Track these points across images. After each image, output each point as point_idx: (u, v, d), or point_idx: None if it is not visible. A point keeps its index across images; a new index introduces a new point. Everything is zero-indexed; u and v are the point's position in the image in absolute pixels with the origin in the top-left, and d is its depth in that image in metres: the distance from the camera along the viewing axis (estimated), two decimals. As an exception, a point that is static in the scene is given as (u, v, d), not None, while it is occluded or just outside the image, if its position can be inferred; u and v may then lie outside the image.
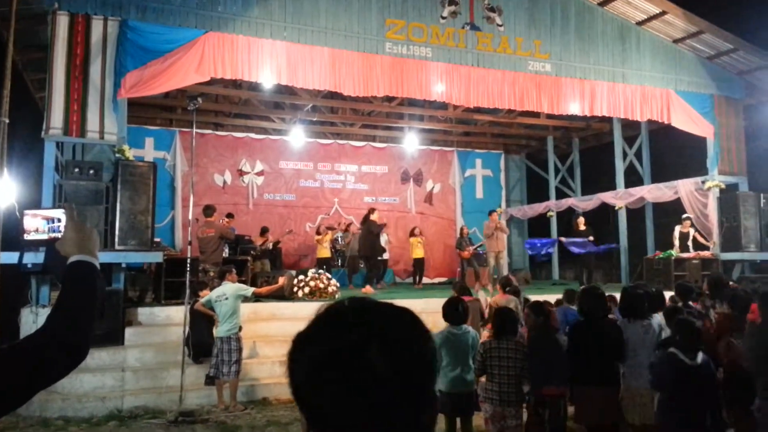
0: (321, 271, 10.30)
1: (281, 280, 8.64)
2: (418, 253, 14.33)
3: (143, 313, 8.45)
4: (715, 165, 12.39)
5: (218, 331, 6.88)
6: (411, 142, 16.48)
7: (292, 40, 9.56)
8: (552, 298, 7.75)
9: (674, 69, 12.24)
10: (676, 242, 12.24)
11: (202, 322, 7.27)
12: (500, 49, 11.01)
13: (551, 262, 16.98)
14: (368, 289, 11.64)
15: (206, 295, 7.17)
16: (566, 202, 16.47)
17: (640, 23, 12.00)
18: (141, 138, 14.17)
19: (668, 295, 7.21)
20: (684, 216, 12.37)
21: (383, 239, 13.08)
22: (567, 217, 16.73)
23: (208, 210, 9.81)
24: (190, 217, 7.62)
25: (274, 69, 9.51)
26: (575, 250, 13.06)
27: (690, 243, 12.10)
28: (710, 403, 4.18)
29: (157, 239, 10.27)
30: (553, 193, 17.45)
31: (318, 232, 14.14)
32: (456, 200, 17.76)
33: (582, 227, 13.33)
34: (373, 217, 12.31)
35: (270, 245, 12.61)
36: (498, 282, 8.28)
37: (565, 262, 16.63)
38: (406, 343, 0.86)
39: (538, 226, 17.92)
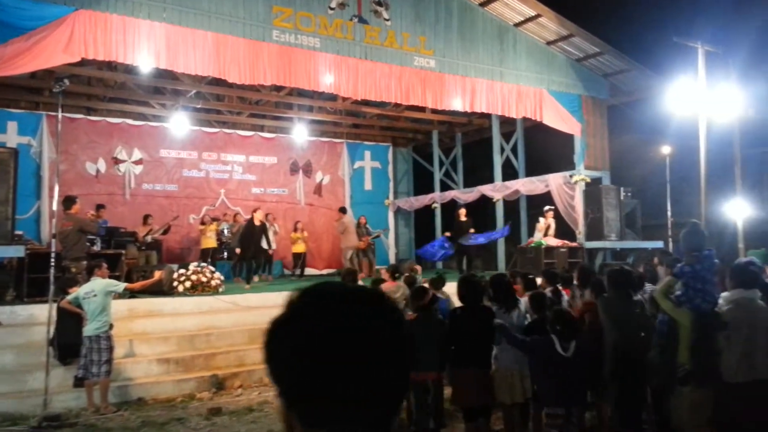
0: (204, 264, 9.95)
1: (157, 274, 8.25)
2: (299, 248, 14.29)
3: (3, 312, 7.74)
4: (581, 160, 13.42)
5: (86, 329, 6.46)
6: (300, 133, 16.31)
7: (173, 22, 9.11)
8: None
9: (547, 70, 13.08)
10: (540, 233, 13.10)
11: (69, 321, 6.77)
12: (387, 43, 11.19)
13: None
14: (255, 281, 11.50)
15: (74, 292, 6.70)
16: (450, 194, 17.13)
17: (517, 25, 12.69)
18: (2, 122, 12.96)
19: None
20: (546, 208, 13.26)
21: (271, 231, 12.88)
22: (451, 208, 17.38)
23: (67, 201, 9.00)
24: (55, 207, 7.05)
25: (153, 52, 9.02)
26: (480, 240, 13.58)
27: (551, 234, 12.97)
28: (580, 383, 4.58)
29: (19, 232, 9.44)
30: (437, 185, 18.07)
31: (203, 222, 13.67)
32: (345, 192, 17.86)
33: (463, 218, 13.92)
34: (257, 216, 12.13)
35: (157, 234, 12.02)
36: (388, 270, 8.40)
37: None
38: (383, 326, 0.87)
39: (423, 217, 18.48)
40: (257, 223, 12.13)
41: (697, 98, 11.57)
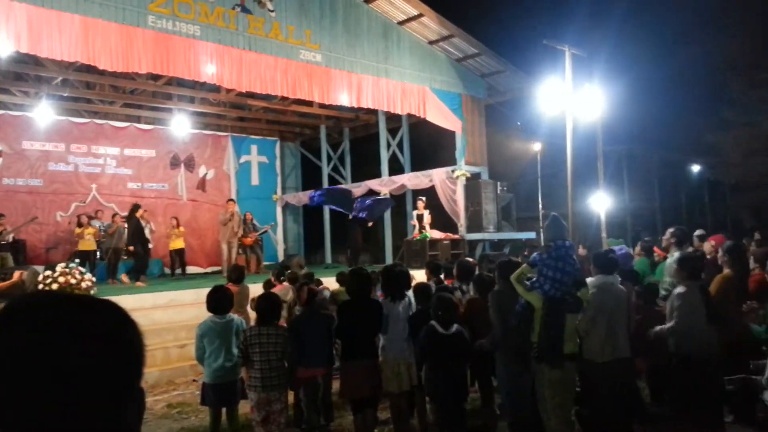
0: (73, 264, 9.23)
1: (17, 275, 7.55)
2: (177, 244, 13.71)
3: None
4: (462, 156, 14.03)
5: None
6: (181, 125, 15.52)
7: (35, 3, 8.35)
8: (325, 281, 8.03)
9: (429, 68, 13.51)
10: (415, 222, 13.50)
11: None
12: (272, 34, 11.00)
13: (324, 246, 17.60)
14: (142, 282, 10.89)
15: None
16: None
17: (400, 23, 12.98)
18: None
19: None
20: (418, 197, 13.72)
21: (147, 230, 12.18)
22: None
23: None
24: None
25: (12, 34, 8.22)
26: (368, 202, 13.38)
27: (426, 223, 13.35)
28: (463, 365, 4.79)
29: None
30: (326, 180, 18.08)
31: (79, 224, 12.58)
32: (231, 187, 17.36)
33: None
34: (139, 214, 11.44)
35: (9, 236, 10.93)
36: (272, 274, 8.26)
37: (337, 246, 17.39)
38: (97, 338, 0.79)
39: (312, 212, 18.41)
40: (145, 216, 11.55)
41: (565, 98, 12.48)
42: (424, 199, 13.55)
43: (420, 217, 13.28)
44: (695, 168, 29.32)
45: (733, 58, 24.56)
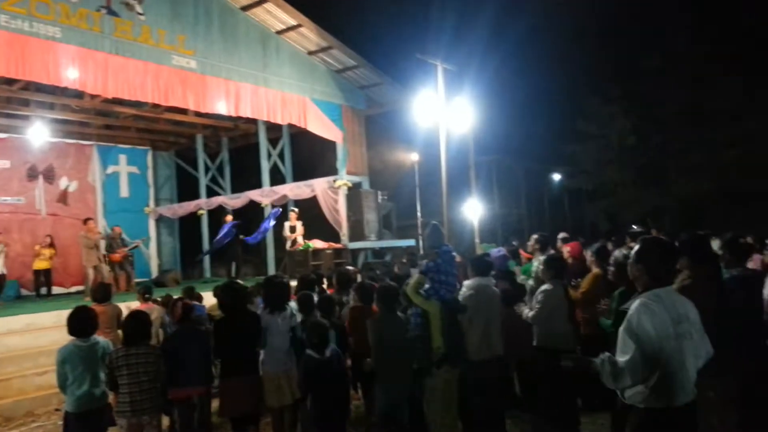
0: None
1: None
2: (43, 264, 12.59)
3: None
4: (343, 166, 14.18)
5: None
6: (39, 134, 14.24)
7: None
8: (205, 295, 7.73)
9: (310, 79, 13.54)
10: (288, 233, 13.37)
11: None
12: (142, 39, 10.49)
13: (202, 260, 16.95)
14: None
15: None
16: (217, 200, 16.66)
17: (279, 32, 12.89)
18: None
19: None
20: (290, 209, 13.71)
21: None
22: (218, 215, 16.92)
23: None
24: None
25: None
26: (260, 235, 13.31)
27: (299, 234, 13.20)
28: (343, 386, 4.80)
29: None
30: (204, 191, 17.44)
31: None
32: (97, 199, 16.21)
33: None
34: None
35: None
36: (138, 291, 7.79)
37: (216, 259, 16.82)
38: None
39: (189, 225, 17.68)
40: None
41: (438, 111, 13.05)
42: (296, 210, 13.51)
43: (293, 229, 13.19)
44: (556, 176, 31.79)
45: (588, 76, 27.09)
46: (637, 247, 2.91)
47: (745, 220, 19.13)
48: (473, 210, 15.37)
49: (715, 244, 4.34)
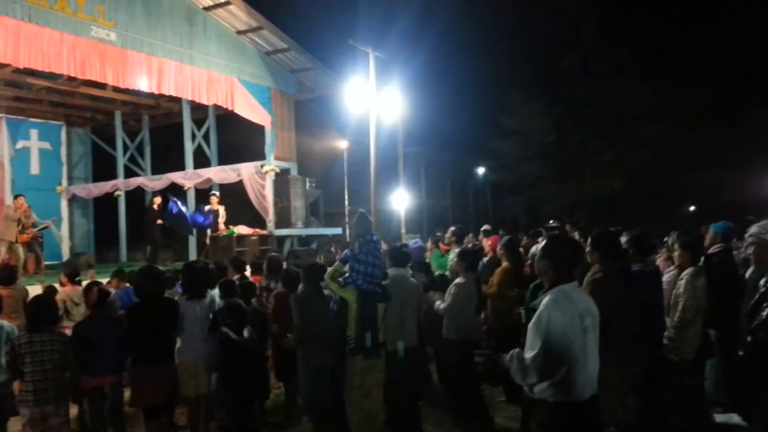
0: None
1: None
2: None
3: None
4: (271, 151, 13.92)
5: None
6: (-64, 102, 13.15)
7: None
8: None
9: (238, 59, 13.15)
10: (221, 219, 13.06)
11: None
12: (57, 7, 9.84)
13: (119, 243, 16.22)
14: None
15: None
16: (135, 181, 15.98)
17: (207, 9, 12.43)
18: None
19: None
20: (210, 192, 13.39)
21: None
22: (138, 196, 16.22)
23: None
24: None
25: None
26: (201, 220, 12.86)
27: (221, 220, 12.90)
28: (258, 370, 4.77)
29: None
30: (121, 171, 16.65)
31: None
32: (5, 176, 15.16)
33: (156, 207, 13.13)
34: None
35: None
36: (64, 273, 7.40)
37: (134, 243, 16.14)
38: None
39: (105, 206, 16.84)
40: None
41: (369, 99, 13.04)
42: (217, 194, 13.19)
43: (215, 213, 12.85)
44: (480, 170, 32.62)
45: (512, 72, 27.87)
46: (543, 243, 3.03)
47: (653, 217, 20.43)
48: (401, 200, 15.51)
49: (624, 240, 4.61)
